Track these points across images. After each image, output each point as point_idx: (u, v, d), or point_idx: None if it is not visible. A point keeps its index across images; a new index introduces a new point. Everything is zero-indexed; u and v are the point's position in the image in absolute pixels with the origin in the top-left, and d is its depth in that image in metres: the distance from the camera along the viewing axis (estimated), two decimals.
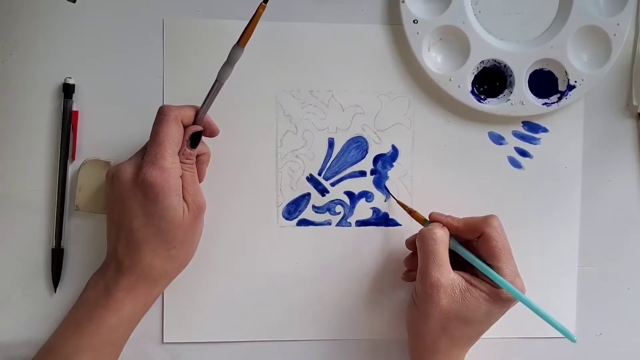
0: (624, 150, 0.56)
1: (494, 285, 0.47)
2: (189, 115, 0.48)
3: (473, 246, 0.49)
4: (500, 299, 0.47)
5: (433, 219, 0.51)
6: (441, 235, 0.48)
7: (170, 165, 0.46)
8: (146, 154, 0.47)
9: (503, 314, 0.49)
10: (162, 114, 0.47)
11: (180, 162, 0.47)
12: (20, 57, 0.52)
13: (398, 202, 0.53)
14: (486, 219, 0.48)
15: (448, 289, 0.47)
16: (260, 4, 0.45)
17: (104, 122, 0.53)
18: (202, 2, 0.53)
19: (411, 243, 0.52)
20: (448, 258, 0.48)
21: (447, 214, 0.51)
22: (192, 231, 0.49)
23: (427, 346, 0.48)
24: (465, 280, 0.48)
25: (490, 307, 0.47)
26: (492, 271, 0.47)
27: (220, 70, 0.47)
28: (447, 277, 0.47)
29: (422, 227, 0.50)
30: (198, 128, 0.48)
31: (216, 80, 0.47)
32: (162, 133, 0.46)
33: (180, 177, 0.47)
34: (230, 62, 0.46)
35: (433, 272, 0.47)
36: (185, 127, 0.48)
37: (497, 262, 0.48)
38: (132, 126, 0.53)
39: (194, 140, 0.48)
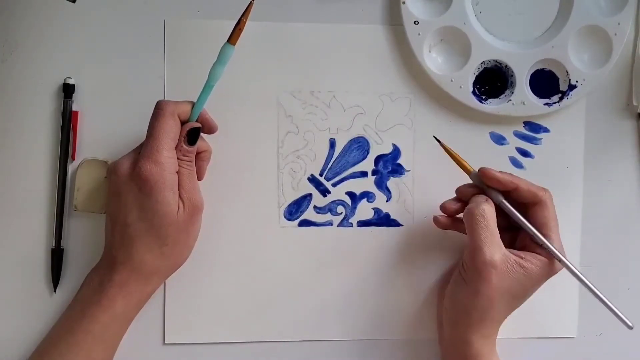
0: (625, 150, 0.56)
1: (543, 257, 0.48)
2: (186, 110, 0.48)
3: (521, 210, 0.49)
4: (552, 271, 0.48)
5: (486, 176, 0.49)
6: (490, 212, 0.47)
7: (165, 159, 0.46)
8: (142, 148, 0.47)
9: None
10: (158, 108, 0.47)
11: (178, 158, 0.47)
12: (20, 57, 0.52)
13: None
14: (545, 190, 0.49)
15: (501, 267, 0.46)
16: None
17: (103, 122, 0.53)
18: (203, 2, 0.53)
19: (461, 192, 0.50)
20: (499, 234, 0.47)
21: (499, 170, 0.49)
22: (186, 231, 0.48)
23: (473, 320, 0.48)
24: (515, 255, 0.48)
25: (540, 281, 0.48)
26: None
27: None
28: (500, 255, 0.47)
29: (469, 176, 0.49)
30: (196, 125, 0.48)
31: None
32: (158, 127, 0.46)
33: (177, 173, 0.47)
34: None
35: (486, 250, 0.46)
36: (183, 123, 0.48)
37: (549, 232, 0.48)
38: (132, 126, 0.52)
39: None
